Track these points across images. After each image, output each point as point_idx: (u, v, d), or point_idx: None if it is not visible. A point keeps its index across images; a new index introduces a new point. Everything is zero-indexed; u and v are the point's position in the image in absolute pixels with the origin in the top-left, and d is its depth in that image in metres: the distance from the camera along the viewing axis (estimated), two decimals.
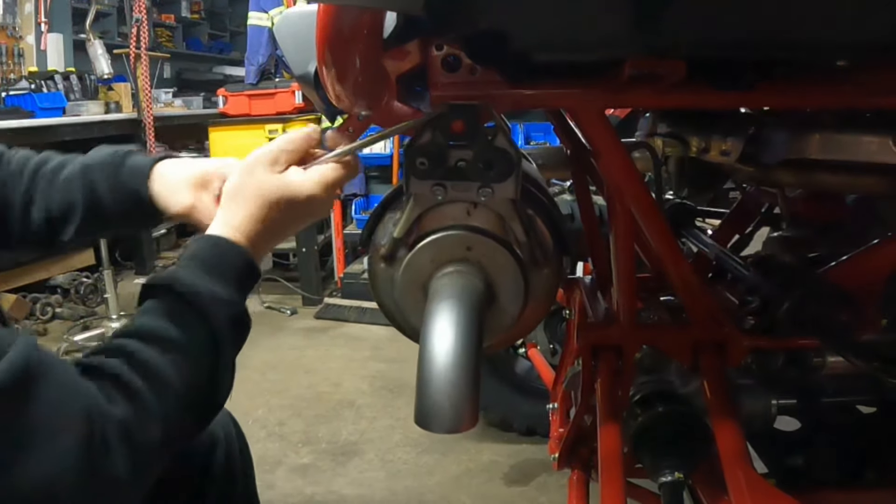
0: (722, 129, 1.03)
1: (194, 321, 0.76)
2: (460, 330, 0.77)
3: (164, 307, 0.76)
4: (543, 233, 0.91)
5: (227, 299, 0.78)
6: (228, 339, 0.77)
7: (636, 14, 0.61)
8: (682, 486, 1.01)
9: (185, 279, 0.77)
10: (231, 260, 0.81)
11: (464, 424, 0.74)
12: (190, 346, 0.75)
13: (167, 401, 0.71)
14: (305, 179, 0.85)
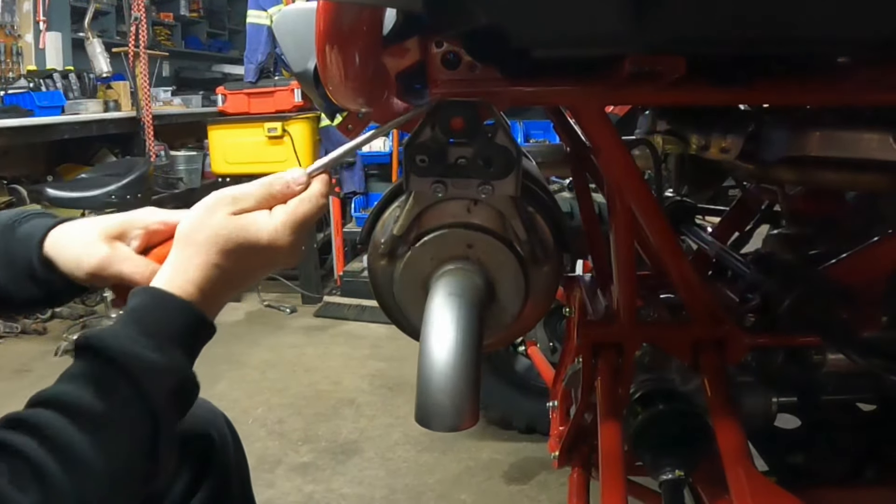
0: (722, 127, 1.03)
1: (126, 393, 0.66)
2: (461, 328, 0.76)
3: (91, 374, 0.66)
4: (544, 230, 0.91)
5: (168, 366, 0.69)
6: (168, 410, 0.68)
7: (636, 10, 0.61)
8: (682, 485, 1.01)
9: (118, 342, 0.67)
10: (176, 318, 0.71)
11: (465, 422, 0.74)
12: (119, 422, 0.65)
13: (84, 483, 0.62)
14: (269, 222, 0.76)
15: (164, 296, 0.72)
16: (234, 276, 0.76)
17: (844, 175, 0.98)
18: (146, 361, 0.67)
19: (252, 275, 0.79)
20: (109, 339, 0.67)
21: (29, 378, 3.56)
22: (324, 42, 0.68)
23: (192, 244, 0.74)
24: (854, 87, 0.82)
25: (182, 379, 0.70)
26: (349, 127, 1.00)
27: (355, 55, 0.70)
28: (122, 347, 0.67)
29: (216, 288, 0.75)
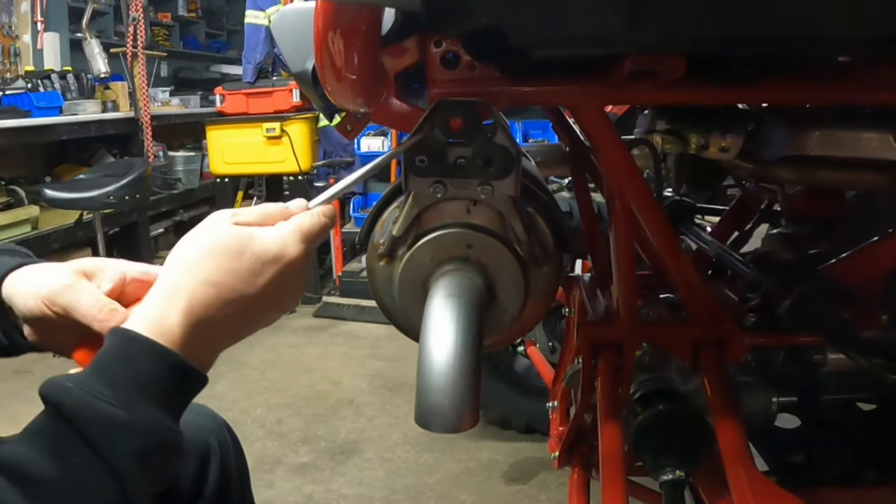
0: (721, 126, 1.03)
1: (84, 457, 0.56)
2: (460, 328, 0.76)
3: (47, 433, 0.57)
4: (544, 230, 0.90)
5: (135, 425, 0.58)
6: (137, 474, 0.58)
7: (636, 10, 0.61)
8: (683, 485, 1.01)
9: (75, 397, 0.57)
10: (148, 367, 0.60)
11: (464, 423, 0.73)
12: (75, 492, 0.56)
13: None
14: (275, 232, 0.67)
15: (134, 338, 0.60)
16: (237, 301, 0.64)
17: (844, 174, 0.98)
18: (108, 420, 0.57)
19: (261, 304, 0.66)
20: (67, 393, 0.58)
21: (28, 379, 3.55)
22: (322, 42, 0.68)
23: (180, 264, 0.64)
24: (855, 87, 0.81)
25: (155, 440, 0.59)
26: (347, 127, 1.00)
27: (354, 55, 0.70)
28: (79, 403, 0.57)
29: (211, 318, 0.63)
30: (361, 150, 4.35)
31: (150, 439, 0.58)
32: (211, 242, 0.64)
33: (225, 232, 0.65)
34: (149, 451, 0.58)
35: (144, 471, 0.58)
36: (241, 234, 0.65)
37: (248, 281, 0.64)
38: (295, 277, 0.68)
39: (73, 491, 0.56)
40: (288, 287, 0.68)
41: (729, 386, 1.00)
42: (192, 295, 0.62)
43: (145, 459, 0.58)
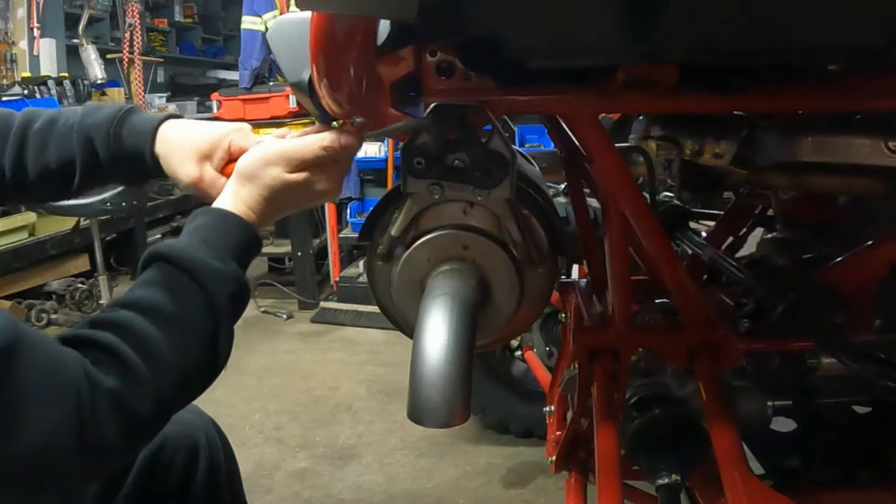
0: (715, 132, 1.04)
1: (192, 294, 0.76)
2: (453, 327, 0.77)
3: (162, 278, 0.77)
4: (539, 233, 0.92)
5: (227, 273, 0.79)
6: (227, 311, 0.78)
7: (629, 21, 0.61)
8: (679, 489, 1.01)
9: (186, 251, 0.78)
10: (235, 234, 0.82)
11: (455, 419, 0.75)
12: (186, 319, 0.76)
13: (160, 372, 0.72)
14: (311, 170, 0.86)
15: (225, 214, 0.83)
16: (284, 205, 0.88)
17: (837, 180, 0.99)
18: (211, 268, 0.77)
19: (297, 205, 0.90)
20: (179, 249, 0.78)
21: None
22: (318, 53, 0.69)
23: (250, 183, 0.86)
24: (845, 94, 0.82)
25: (238, 287, 0.80)
26: None
27: (349, 65, 0.71)
28: (191, 255, 0.77)
29: (266, 214, 0.86)
30: (358, 155, 4.35)
31: (236, 284, 0.80)
32: (271, 187, 0.86)
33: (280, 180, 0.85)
34: (234, 292, 0.79)
35: (230, 308, 0.79)
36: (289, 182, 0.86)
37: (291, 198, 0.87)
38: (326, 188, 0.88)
39: (186, 320, 0.76)
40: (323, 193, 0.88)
41: (723, 390, 1.01)
42: (257, 203, 0.86)
43: (233, 299, 0.79)
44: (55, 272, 4.71)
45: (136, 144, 0.97)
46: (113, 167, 0.98)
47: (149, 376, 0.70)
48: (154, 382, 0.71)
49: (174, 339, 0.74)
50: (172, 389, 0.74)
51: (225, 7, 9.52)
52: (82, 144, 0.98)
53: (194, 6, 8.96)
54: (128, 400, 0.68)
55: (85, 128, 0.99)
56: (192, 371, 0.77)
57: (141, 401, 0.70)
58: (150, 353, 0.71)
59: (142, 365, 0.70)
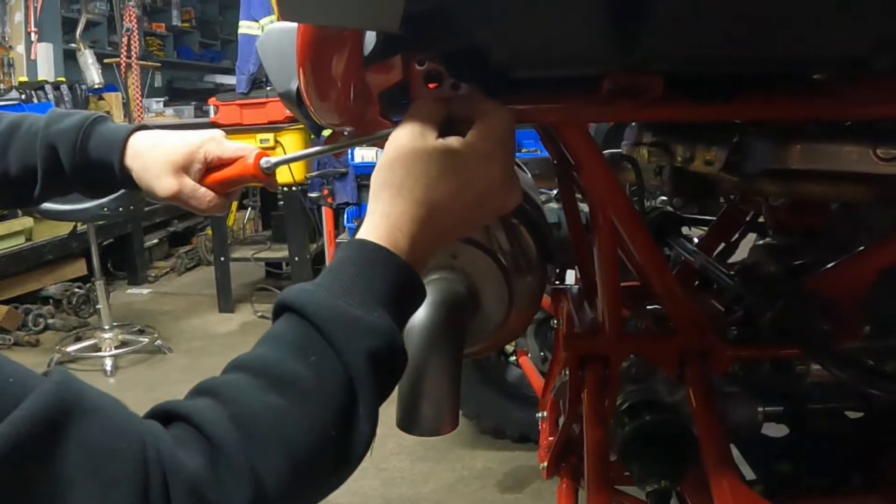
0: (706, 139, 1.04)
1: (321, 354, 0.59)
2: (441, 336, 0.78)
3: (289, 333, 0.61)
4: (527, 242, 0.92)
5: (371, 326, 0.60)
6: (367, 375, 0.59)
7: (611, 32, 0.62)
8: (669, 494, 1.02)
9: (316, 298, 0.60)
10: (383, 273, 0.63)
11: (444, 427, 0.76)
12: (313, 388, 0.58)
13: (265, 456, 0.54)
14: (459, 139, 0.68)
15: (369, 248, 0.64)
16: (449, 216, 0.67)
17: (826, 187, 0.99)
18: (345, 317, 0.59)
19: (467, 210, 0.68)
20: (307, 295, 0.61)
21: None
22: (305, 63, 0.69)
23: (389, 184, 0.66)
24: (833, 103, 0.83)
25: (387, 341, 0.60)
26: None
27: (337, 76, 0.71)
28: (319, 302, 0.60)
29: (426, 235, 0.66)
30: (355, 160, 4.35)
31: (382, 339, 0.60)
32: (415, 156, 0.66)
33: (424, 144, 0.67)
34: (381, 352, 0.60)
35: (374, 373, 0.59)
36: (440, 147, 0.67)
37: (457, 194, 0.66)
38: (499, 187, 0.69)
39: (312, 387, 0.58)
40: (493, 196, 0.69)
41: (713, 397, 1.01)
42: (409, 213, 0.65)
43: (376, 361, 0.59)
44: (52, 277, 4.72)
45: (104, 156, 0.92)
46: (77, 177, 0.94)
47: (247, 460, 0.53)
48: (254, 468, 0.53)
49: (293, 414, 0.56)
50: (284, 478, 0.55)
51: (222, 12, 9.53)
52: (45, 153, 0.93)
53: (192, 11, 8.97)
54: (215, 489, 0.51)
55: (49, 136, 0.93)
56: (312, 457, 0.57)
57: (235, 491, 0.52)
58: (255, 431, 0.54)
59: (240, 445, 0.53)
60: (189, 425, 0.53)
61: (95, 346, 3.97)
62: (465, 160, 0.66)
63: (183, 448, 0.52)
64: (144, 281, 5.52)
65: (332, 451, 0.58)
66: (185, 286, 5.52)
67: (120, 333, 4.07)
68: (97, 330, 4.09)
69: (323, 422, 0.57)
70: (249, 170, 0.90)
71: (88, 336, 4.17)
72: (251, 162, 0.90)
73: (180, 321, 4.62)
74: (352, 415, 0.59)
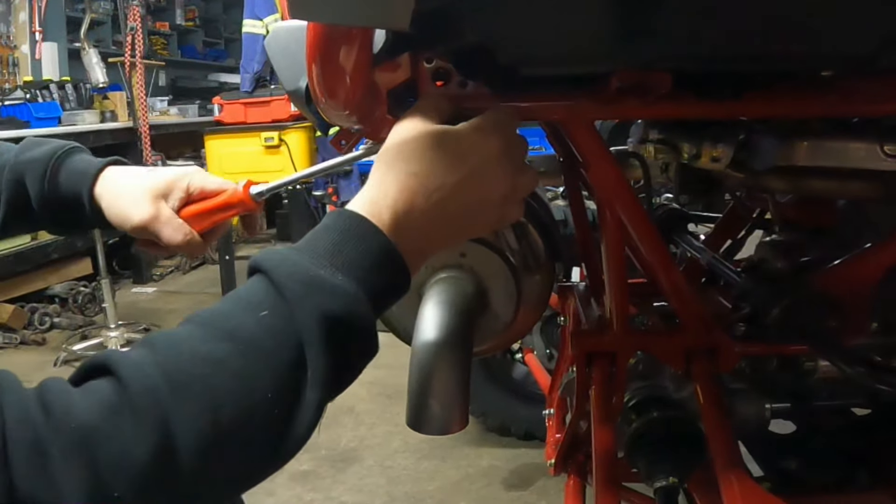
0: (712, 136, 1.04)
1: (276, 311, 0.54)
2: (450, 335, 0.78)
3: (247, 290, 0.57)
4: (535, 240, 0.92)
5: (331, 287, 0.55)
6: (319, 340, 0.53)
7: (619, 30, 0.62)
8: (676, 491, 1.02)
9: (282, 257, 0.57)
10: (357, 243, 0.58)
11: (453, 426, 0.76)
12: (256, 343, 0.53)
13: (182, 406, 0.49)
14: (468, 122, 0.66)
15: (346, 215, 0.60)
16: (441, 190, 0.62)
17: (833, 184, 0.99)
18: (304, 275, 0.55)
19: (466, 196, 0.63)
20: (272, 255, 0.58)
21: None
22: (314, 61, 0.69)
23: (383, 161, 0.64)
24: (840, 99, 0.83)
25: (345, 306, 0.55)
26: (343, 142, 1.02)
27: (346, 74, 0.71)
28: (283, 261, 0.56)
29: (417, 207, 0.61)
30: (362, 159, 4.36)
31: (341, 302, 0.55)
32: (410, 136, 0.64)
33: (421, 127, 0.65)
34: (338, 316, 0.54)
35: (328, 337, 0.54)
36: (436, 127, 0.65)
37: (450, 167, 0.62)
38: (495, 167, 0.65)
39: (255, 341, 0.53)
40: (491, 178, 0.64)
41: (720, 393, 1.01)
42: (398, 184, 0.62)
43: (333, 324, 0.54)
44: (58, 276, 4.73)
45: (73, 188, 0.86)
46: (44, 212, 0.88)
47: (158, 407, 0.48)
48: (169, 417, 0.48)
49: (225, 364, 0.52)
50: (201, 434, 0.49)
51: (226, 10, 9.54)
52: (12, 184, 0.87)
53: (195, 9, 8.99)
54: (110, 438, 0.46)
55: (18, 165, 0.87)
56: (241, 413, 0.51)
57: (134, 440, 0.47)
58: (178, 379, 0.50)
59: (153, 392, 0.49)
60: (111, 376, 0.50)
61: (101, 344, 3.99)
62: (461, 136, 0.64)
63: (86, 399, 0.48)
64: (149, 279, 5.54)
65: (268, 415, 0.52)
66: (190, 285, 5.54)
67: (126, 332, 4.08)
68: (103, 328, 4.11)
69: (261, 380, 0.52)
70: (237, 197, 0.88)
71: (94, 335, 4.18)
72: (240, 190, 0.88)
73: None
74: (297, 378, 0.53)
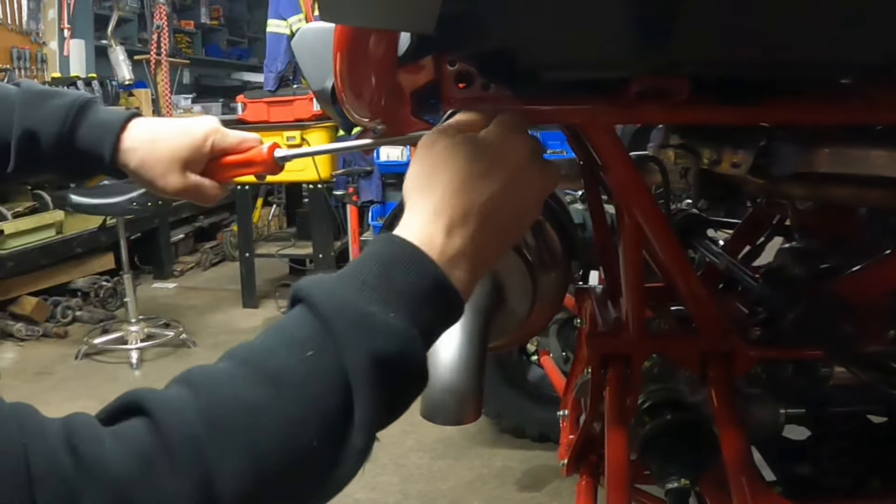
0: (733, 141, 1.05)
1: (323, 350, 0.50)
2: (466, 329, 0.80)
3: (292, 324, 0.53)
4: (552, 237, 0.94)
5: (383, 326, 0.51)
6: (369, 383, 0.50)
7: (639, 37, 0.63)
8: (688, 493, 1.02)
9: (330, 289, 0.53)
10: (406, 273, 0.54)
11: (467, 417, 0.78)
12: (302, 385, 0.50)
13: (224, 454, 0.46)
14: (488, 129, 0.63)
15: (395, 242, 0.56)
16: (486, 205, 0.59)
17: (853, 191, 0.99)
18: (354, 312, 0.51)
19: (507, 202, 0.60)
20: (319, 286, 0.53)
21: (50, 381, 3.62)
22: (341, 63, 0.71)
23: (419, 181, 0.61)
24: (861, 107, 0.83)
25: (398, 346, 0.51)
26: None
27: (372, 75, 0.73)
28: (331, 295, 0.52)
29: (471, 227, 0.58)
30: (381, 159, 4.38)
31: (394, 343, 0.51)
32: (440, 148, 0.61)
33: (448, 138, 0.62)
34: (390, 357, 0.51)
35: (379, 380, 0.50)
36: (463, 135, 0.62)
37: (491, 174, 0.60)
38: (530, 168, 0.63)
39: (301, 384, 0.50)
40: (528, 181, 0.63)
41: (735, 398, 1.02)
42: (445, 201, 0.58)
43: (383, 366, 0.50)
44: (81, 270, 4.80)
45: (92, 148, 0.88)
46: (57, 165, 0.90)
47: (197, 456, 0.45)
48: (210, 465, 0.45)
49: (269, 409, 0.48)
50: (243, 483, 0.46)
51: (250, 10, 9.61)
52: (23, 136, 0.87)
53: (220, 9, 9.06)
54: (147, 490, 0.43)
55: (28, 120, 0.87)
56: (285, 461, 0.48)
57: (173, 491, 0.44)
58: (219, 424, 0.47)
59: (193, 439, 0.45)
60: (147, 418, 0.46)
61: (122, 338, 4.04)
62: (490, 141, 0.62)
63: (121, 447, 0.44)
64: (170, 275, 5.60)
65: (312, 462, 0.50)
66: (210, 281, 5.59)
67: (146, 327, 4.13)
68: (124, 323, 4.15)
69: (306, 425, 0.49)
70: (262, 158, 0.91)
71: (115, 329, 4.23)
72: (265, 152, 0.91)
73: (205, 316, 4.67)
74: (344, 423, 0.51)
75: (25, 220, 4.34)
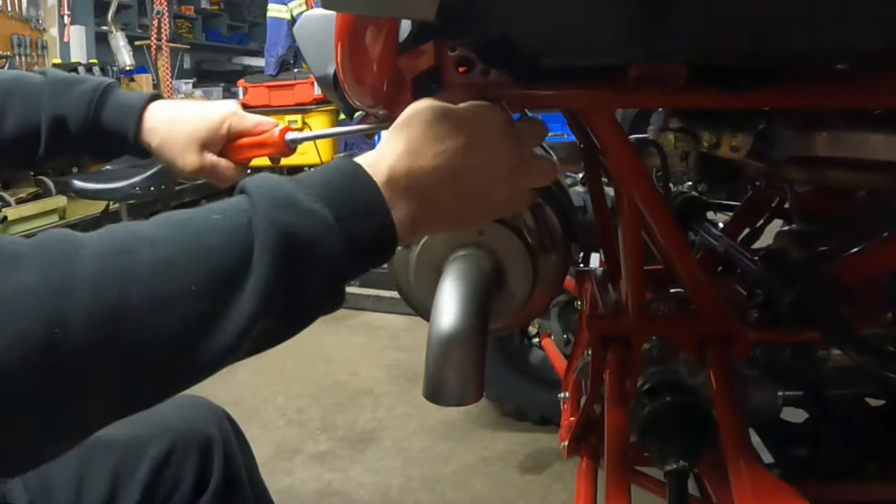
0: (732, 125, 1.05)
1: (238, 213, 0.52)
2: (467, 309, 0.81)
3: (222, 202, 0.54)
4: (552, 220, 0.95)
5: (303, 208, 0.52)
6: (269, 252, 0.50)
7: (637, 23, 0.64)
8: (686, 474, 1.03)
9: (266, 179, 0.55)
10: (343, 181, 0.57)
11: (469, 398, 0.79)
12: (206, 232, 0.50)
13: (95, 275, 0.46)
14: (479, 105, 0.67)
15: (346, 161, 0.59)
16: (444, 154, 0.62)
17: (852, 175, 1.00)
18: (277, 190, 0.53)
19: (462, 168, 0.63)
20: (258, 177, 0.56)
21: None
22: (343, 50, 0.72)
23: (390, 131, 0.65)
24: (859, 91, 0.84)
25: (310, 226, 0.52)
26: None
27: (373, 62, 0.73)
28: (263, 181, 0.54)
29: (416, 170, 0.60)
30: None
31: (308, 225, 0.52)
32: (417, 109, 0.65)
33: (428, 102, 0.66)
34: (298, 235, 0.51)
35: (281, 254, 0.50)
36: (441, 102, 0.65)
37: (452, 131, 0.63)
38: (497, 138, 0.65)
39: (200, 233, 0.50)
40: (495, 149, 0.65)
41: (733, 380, 1.03)
42: (400, 146, 0.62)
43: (291, 244, 0.51)
44: None
45: (117, 128, 0.94)
46: (86, 147, 0.96)
47: (69, 266, 0.46)
48: (74, 276, 0.45)
49: (159, 246, 0.48)
50: (107, 310, 0.45)
51: None
52: (52, 122, 0.92)
53: None
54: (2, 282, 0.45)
55: (56, 106, 0.92)
56: (163, 294, 0.47)
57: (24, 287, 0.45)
58: (103, 249, 0.48)
59: (79, 254, 0.47)
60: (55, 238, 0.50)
61: None
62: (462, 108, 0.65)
63: (11, 242, 0.49)
64: None
65: (186, 305, 0.48)
66: None
67: None
68: None
69: (188, 269, 0.48)
70: (273, 140, 0.96)
71: None
72: (276, 135, 0.95)
73: None
74: (233, 282, 0.49)
75: (28, 205, 4.35)
